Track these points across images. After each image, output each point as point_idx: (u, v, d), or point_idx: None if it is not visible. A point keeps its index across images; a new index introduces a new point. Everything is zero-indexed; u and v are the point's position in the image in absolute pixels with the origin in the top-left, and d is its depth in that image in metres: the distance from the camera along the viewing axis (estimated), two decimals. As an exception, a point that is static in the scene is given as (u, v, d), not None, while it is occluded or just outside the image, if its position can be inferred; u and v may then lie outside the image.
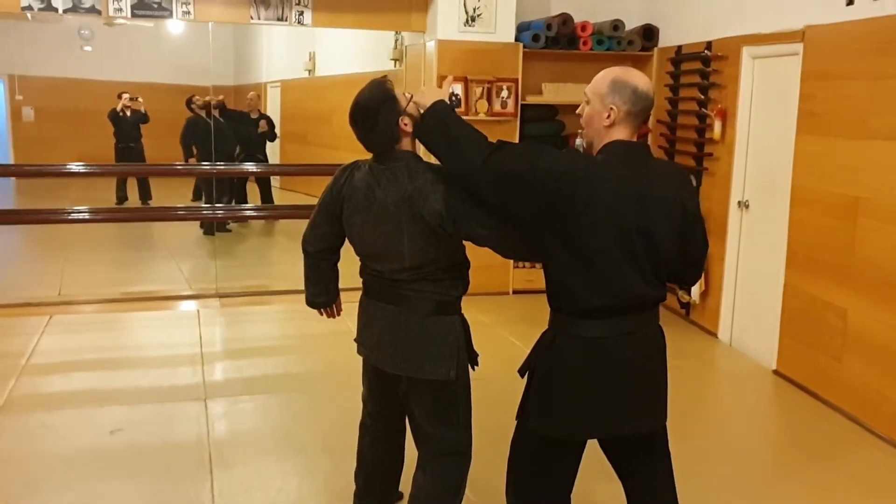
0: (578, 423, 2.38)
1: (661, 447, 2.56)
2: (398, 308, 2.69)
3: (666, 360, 2.48)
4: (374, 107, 2.60)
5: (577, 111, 2.50)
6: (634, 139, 2.38)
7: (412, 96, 2.65)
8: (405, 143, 2.65)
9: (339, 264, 2.98)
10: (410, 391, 2.76)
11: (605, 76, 2.38)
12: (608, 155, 2.34)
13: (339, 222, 2.77)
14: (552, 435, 2.42)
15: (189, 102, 9.57)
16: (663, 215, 2.31)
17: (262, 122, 9.84)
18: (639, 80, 2.35)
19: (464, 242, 2.67)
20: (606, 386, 2.34)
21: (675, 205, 2.34)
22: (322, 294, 3.01)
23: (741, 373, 5.28)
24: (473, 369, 2.82)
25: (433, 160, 2.63)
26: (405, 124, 2.61)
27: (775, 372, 5.12)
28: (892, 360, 4.15)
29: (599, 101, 2.35)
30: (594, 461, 2.69)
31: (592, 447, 2.57)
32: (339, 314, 3.08)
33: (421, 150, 2.70)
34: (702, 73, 5.97)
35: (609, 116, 2.33)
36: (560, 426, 2.39)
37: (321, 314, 3.08)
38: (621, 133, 2.35)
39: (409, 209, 2.54)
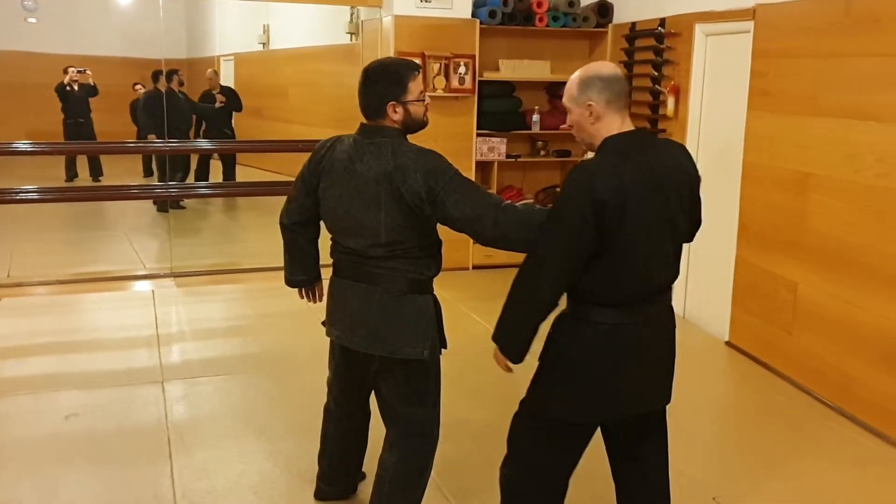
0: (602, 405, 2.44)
1: (664, 425, 2.65)
2: (371, 287, 2.66)
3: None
4: (375, 74, 2.62)
5: (564, 127, 2.48)
6: (628, 125, 2.36)
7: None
8: (390, 123, 2.62)
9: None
10: (382, 371, 2.75)
11: (572, 81, 2.39)
12: (608, 154, 2.30)
13: (316, 195, 2.73)
14: (577, 419, 2.45)
15: (155, 77, 9.26)
16: (679, 196, 2.35)
17: (219, 95, 9.65)
18: (601, 67, 2.37)
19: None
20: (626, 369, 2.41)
21: (686, 184, 2.38)
22: (299, 272, 2.97)
23: (694, 345, 5.38)
24: (440, 352, 2.82)
25: (418, 142, 2.62)
26: (395, 111, 2.60)
27: (727, 343, 5.23)
28: (840, 331, 4.27)
29: (575, 104, 2.36)
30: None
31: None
32: (320, 300, 3.00)
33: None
34: (655, 50, 6.01)
35: (591, 113, 2.33)
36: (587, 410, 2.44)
37: (301, 296, 3.05)
38: (612, 123, 2.34)
39: (389, 185, 2.52)
